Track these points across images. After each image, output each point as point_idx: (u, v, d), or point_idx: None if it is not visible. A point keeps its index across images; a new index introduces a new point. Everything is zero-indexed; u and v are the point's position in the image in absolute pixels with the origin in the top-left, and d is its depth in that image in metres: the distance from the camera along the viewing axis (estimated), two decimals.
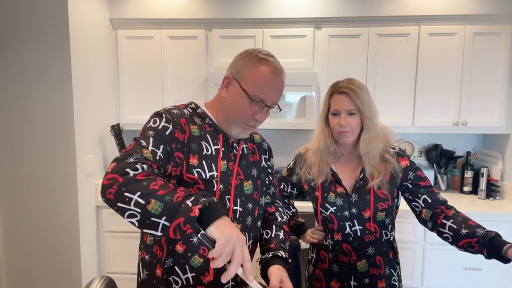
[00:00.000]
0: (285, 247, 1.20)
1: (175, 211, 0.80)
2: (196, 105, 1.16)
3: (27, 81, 2.16)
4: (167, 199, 0.82)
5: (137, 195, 0.83)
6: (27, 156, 2.21)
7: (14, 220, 2.27)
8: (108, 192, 0.85)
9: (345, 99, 1.31)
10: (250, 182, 1.17)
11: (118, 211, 0.85)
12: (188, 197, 0.83)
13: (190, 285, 1.07)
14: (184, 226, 0.79)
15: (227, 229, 0.80)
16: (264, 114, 1.10)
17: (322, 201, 1.38)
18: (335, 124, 1.32)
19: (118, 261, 2.48)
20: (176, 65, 2.60)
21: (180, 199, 0.82)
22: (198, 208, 0.80)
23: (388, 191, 1.34)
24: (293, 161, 1.55)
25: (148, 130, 1.02)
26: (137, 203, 0.82)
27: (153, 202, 0.81)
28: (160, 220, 0.81)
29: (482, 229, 1.19)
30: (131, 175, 0.86)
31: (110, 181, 0.86)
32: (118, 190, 0.84)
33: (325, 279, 1.42)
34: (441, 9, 2.43)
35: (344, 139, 1.33)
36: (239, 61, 1.10)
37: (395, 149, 1.38)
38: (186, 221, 0.79)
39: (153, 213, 0.81)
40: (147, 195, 0.83)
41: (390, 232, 1.39)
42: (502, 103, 2.46)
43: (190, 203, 0.81)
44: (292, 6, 2.51)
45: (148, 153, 0.97)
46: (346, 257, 1.37)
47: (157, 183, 0.85)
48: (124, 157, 0.92)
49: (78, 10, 2.21)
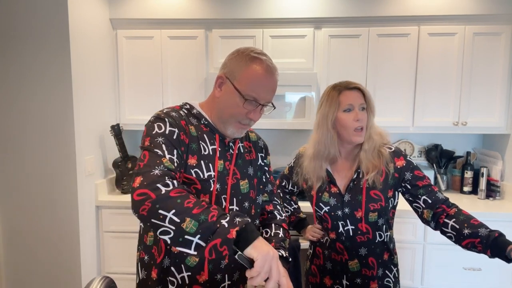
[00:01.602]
0: (285, 245, 1.21)
1: (211, 231, 0.82)
2: (191, 106, 1.16)
3: (27, 81, 2.16)
4: (202, 218, 0.83)
5: (171, 213, 0.84)
6: (27, 156, 2.21)
7: (14, 220, 2.27)
8: (142, 209, 0.86)
9: (358, 94, 1.32)
10: (247, 181, 1.17)
11: (152, 227, 0.87)
12: (223, 216, 0.85)
13: (186, 284, 1.07)
14: (220, 248, 0.81)
15: (263, 249, 0.83)
16: (258, 112, 1.10)
17: (316, 200, 1.40)
18: (349, 121, 1.30)
19: (118, 261, 2.48)
20: (176, 65, 2.60)
21: (214, 218, 0.84)
22: (235, 230, 0.82)
23: (381, 191, 1.33)
24: (293, 160, 1.57)
25: (157, 137, 1.01)
26: (171, 221, 0.84)
27: (188, 220, 0.83)
28: (194, 239, 0.83)
29: (485, 228, 1.18)
30: (163, 191, 0.87)
31: (142, 196, 0.87)
32: (152, 207, 0.85)
33: (320, 275, 1.45)
34: (441, 9, 2.43)
35: (358, 138, 1.32)
36: (231, 61, 1.10)
37: (392, 149, 1.38)
38: (223, 242, 0.81)
39: (188, 232, 0.83)
40: (181, 213, 0.84)
41: (385, 233, 1.38)
42: (502, 103, 2.46)
43: (226, 224, 0.83)
44: (292, 6, 2.51)
45: (168, 161, 0.96)
46: (339, 256, 1.39)
47: (190, 200, 0.87)
48: (148, 170, 0.92)
49: (78, 10, 2.21)
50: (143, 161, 0.96)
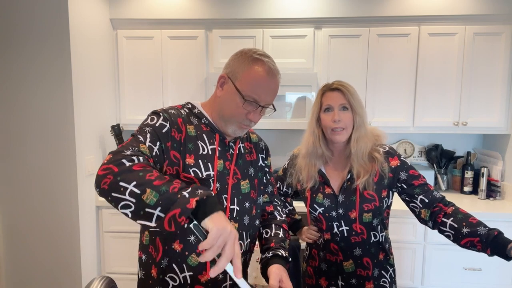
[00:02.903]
0: (285, 245, 1.20)
1: (171, 202, 0.79)
2: (192, 105, 1.17)
3: (27, 81, 2.17)
4: (163, 189, 0.81)
5: (132, 185, 0.82)
6: (27, 157, 2.21)
7: (15, 220, 2.27)
8: (103, 182, 0.85)
9: (338, 94, 1.33)
10: (247, 181, 1.17)
11: (112, 201, 0.85)
12: (185, 188, 0.83)
13: (187, 284, 1.07)
14: (179, 218, 0.78)
15: (221, 222, 0.79)
16: (258, 114, 1.10)
17: (311, 201, 1.40)
18: (328, 121, 1.32)
19: (118, 261, 2.48)
20: (176, 65, 2.60)
21: (176, 189, 0.82)
22: (195, 200, 0.79)
23: (375, 191, 1.33)
24: (288, 162, 1.56)
25: (146, 127, 1.03)
26: (132, 193, 0.82)
27: (149, 191, 0.81)
28: (154, 211, 0.80)
29: (484, 227, 1.18)
30: (127, 165, 0.86)
31: (105, 171, 0.86)
32: (113, 180, 0.84)
33: (315, 276, 1.44)
34: (441, 9, 2.43)
35: (337, 137, 1.32)
36: (234, 61, 1.11)
37: (385, 149, 1.37)
38: (182, 212, 0.78)
39: (148, 204, 0.80)
40: (142, 184, 0.82)
41: (380, 233, 1.38)
42: (502, 103, 2.46)
43: (187, 194, 0.80)
44: (292, 6, 2.51)
45: (145, 148, 0.97)
46: (334, 257, 1.38)
47: (153, 174, 0.85)
48: (121, 150, 0.92)
49: (79, 11, 2.21)
50: (123, 144, 0.97)
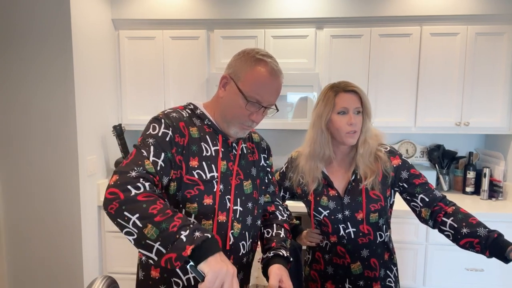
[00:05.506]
0: (286, 245, 1.20)
1: (169, 241, 0.84)
2: (194, 106, 1.16)
3: (29, 81, 2.17)
4: (163, 227, 0.85)
5: (135, 217, 0.86)
6: (29, 156, 2.22)
7: (16, 220, 2.27)
8: (110, 207, 0.89)
9: (354, 97, 1.30)
10: (250, 181, 1.18)
11: (117, 226, 0.89)
12: (184, 228, 0.85)
13: (191, 285, 1.07)
14: (175, 262, 0.83)
15: (216, 265, 0.83)
16: (261, 114, 1.10)
17: (315, 205, 1.37)
18: (343, 124, 1.29)
19: (120, 261, 2.48)
20: (177, 66, 2.61)
21: (175, 228, 0.85)
22: (191, 248, 0.83)
23: (380, 191, 1.33)
24: (285, 165, 1.54)
25: (148, 138, 1.03)
26: (134, 224, 0.86)
27: (150, 227, 0.85)
28: (155, 244, 0.85)
29: (484, 228, 1.17)
30: (132, 193, 0.89)
31: (112, 196, 0.90)
32: (119, 208, 0.88)
33: (320, 281, 1.42)
34: (443, 9, 2.43)
35: (350, 140, 1.30)
36: (236, 61, 1.10)
37: (387, 149, 1.38)
38: (177, 258, 0.83)
39: (149, 237, 0.85)
40: (145, 218, 0.86)
41: (385, 233, 1.38)
42: (504, 103, 2.46)
43: (185, 238, 0.84)
44: (293, 6, 2.51)
45: (149, 164, 0.98)
46: (341, 260, 1.37)
47: (156, 206, 0.88)
48: (126, 171, 0.94)
49: (80, 11, 2.21)
50: (128, 159, 0.99)
